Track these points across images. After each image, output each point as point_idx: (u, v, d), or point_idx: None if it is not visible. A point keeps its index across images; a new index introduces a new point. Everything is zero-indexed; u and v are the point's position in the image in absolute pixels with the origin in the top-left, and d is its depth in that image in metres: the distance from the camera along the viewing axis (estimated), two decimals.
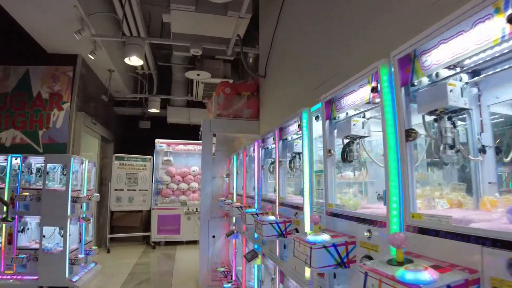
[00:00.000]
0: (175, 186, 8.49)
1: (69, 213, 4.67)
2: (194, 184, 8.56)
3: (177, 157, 8.80)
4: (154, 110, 8.36)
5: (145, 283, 5.26)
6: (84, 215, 5.24)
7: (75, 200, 4.75)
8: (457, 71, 1.01)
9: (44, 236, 4.73)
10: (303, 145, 1.75)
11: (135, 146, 9.28)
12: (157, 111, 8.45)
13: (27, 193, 4.79)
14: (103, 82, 7.29)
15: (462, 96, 1.00)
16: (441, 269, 0.80)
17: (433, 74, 1.03)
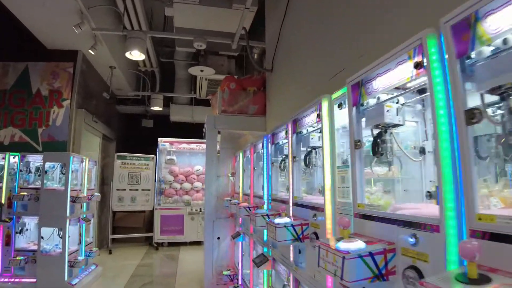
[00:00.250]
0: (178, 185, 8.30)
1: (68, 214, 4.49)
2: (197, 183, 8.37)
3: (180, 156, 8.61)
4: (156, 108, 8.18)
5: (147, 286, 5.07)
6: (84, 216, 5.06)
7: (75, 200, 4.56)
8: None
9: (42, 237, 4.55)
10: (323, 137, 1.55)
11: (138, 145, 9.11)
12: (160, 109, 8.27)
13: (25, 193, 4.61)
14: (105, 79, 7.11)
15: None
16: None
17: (501, 40, 0.82)
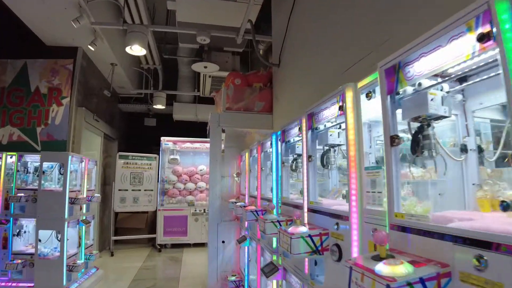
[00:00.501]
0: (182, 185, 8.10)
1: (66, 216, 4.29)
2: (201, 183, 8.16)
3: (184, 156, 8.41)
4: (159, 106, 7.98)
5: None
6: (84, 217, 4.87)
7: (73, 201, 4.37)
8: None
9: (40, 240, 4.37)
10: (347, 133, 1.33)
11: (140, 144, 8.94)
12: (163, 107, 8.07)
13: (22, 194, 4.43)
14: (106, 76, 6.92)
15: None
16: None
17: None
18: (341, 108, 1.40)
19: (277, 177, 2.36)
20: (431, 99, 1.00)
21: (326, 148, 1.72)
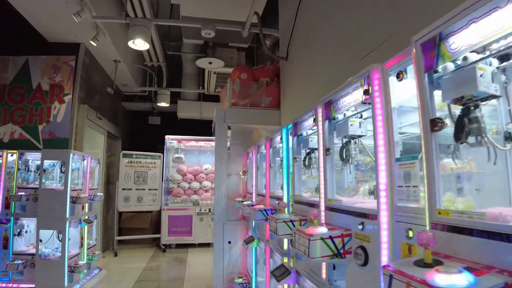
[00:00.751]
0: (187, 185, 7.96)
1: (68, 215, 4.17)
2: (206, 182, 8.02)
3: (189, 155, 8.27)
4: (163, 104, 7.84)
5: None
6: (86, 217, 4.74)
7: (75, 200, 4.24)
8: None
9: (41, 240, 4.25)
10: (374, 120, 1.17)
11: (144, 142, 8.82)
12: (167, 105, 7.94)
13: (23, 193, 4.31)
14: (109, 74, 6.79)
15: None
16: None
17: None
18: (366, 92, 1.24)
19: (288, 174, 2.20)
20: (480, 75, 0.85)
21: (345, 140, 1.56)
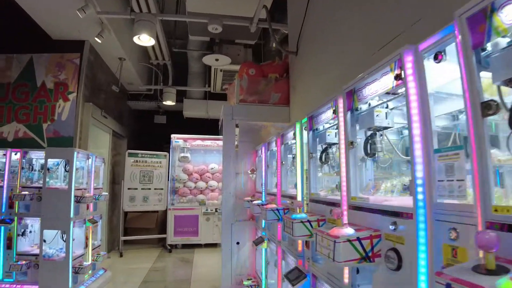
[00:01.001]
0: (193, 184, 7.85)
1: (72, 215, 4.07)
2: (212, 182, 7.91)
3: (194, 154, 8.16)
4: (169, 102, 7.74)
5: None
6: (91, 217, 4.64)
7: (79, 200, 4.14)
8: None
9: (45, 240, 4.15)
10: (408, 106, 1.04)
11: (150, 142, 8.72)
12: (173, 103, 7.83)
13: (27, 192, 4.22)
14: (114, 72, 6.70)
15: None
16: None
17: None
18: (398, 77, 1.11)
19: (302, 171, 2.07)
20: None
21: (370, 133, 1.43)
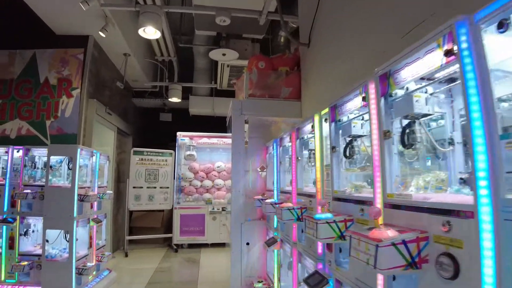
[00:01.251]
0: (199, 183, 7.71)
1: (75, 214, 3.93)
2: (219, 181, 7.75)
3: (200, 152, 8.01)
4: (175, 99, 7.59)
5: None
6: (95, 216, 4.51)
7: (83, 198, 4.00)
8: None
9: (47, 240, 4.02)
10: (465, 85, 0.87)
11: (155, 140, 8.59)
12: (179, 100, 7.69)
13: (29, 190, 4.09)
14: (118, 68, 6.57)
15: None
16: None
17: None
18: (448, 52, 0.94)
19: (322, 167, 1.91)
20: None
21: (408, 123, 1.25)
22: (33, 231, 4.41)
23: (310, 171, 2.42)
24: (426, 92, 1.24)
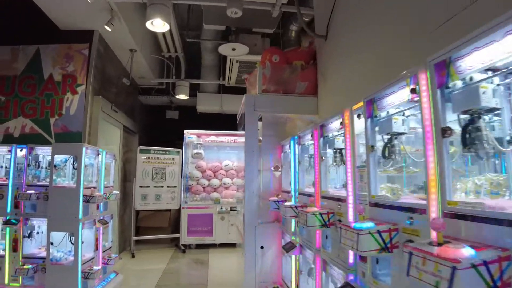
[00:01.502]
0: (206, 182, 7.53)
1: (81, 215, 3.76)
2: (226, 179, 7.57)
3: (208, 150, 7.83)
4: (182, 96, 7.42)
5: None
6: (101, 217, 4.34)
7: (88, 199, 3.84)
8: None
9: (52, 243, 3.86)
10: None
11: (162, 138, 8.43)
12: (186, 97, 7.51)
13: (33, 191, 3.94)
14: (124, 64, 6.40)
15: None
16: None
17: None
18: None
19: (353, 168, 1.71)
20: None
21: (469, 117, 1.06)
22: (37, 233, 4.25)
23: (335, 172, 2.23)
24: (492, 82, 1.04)
